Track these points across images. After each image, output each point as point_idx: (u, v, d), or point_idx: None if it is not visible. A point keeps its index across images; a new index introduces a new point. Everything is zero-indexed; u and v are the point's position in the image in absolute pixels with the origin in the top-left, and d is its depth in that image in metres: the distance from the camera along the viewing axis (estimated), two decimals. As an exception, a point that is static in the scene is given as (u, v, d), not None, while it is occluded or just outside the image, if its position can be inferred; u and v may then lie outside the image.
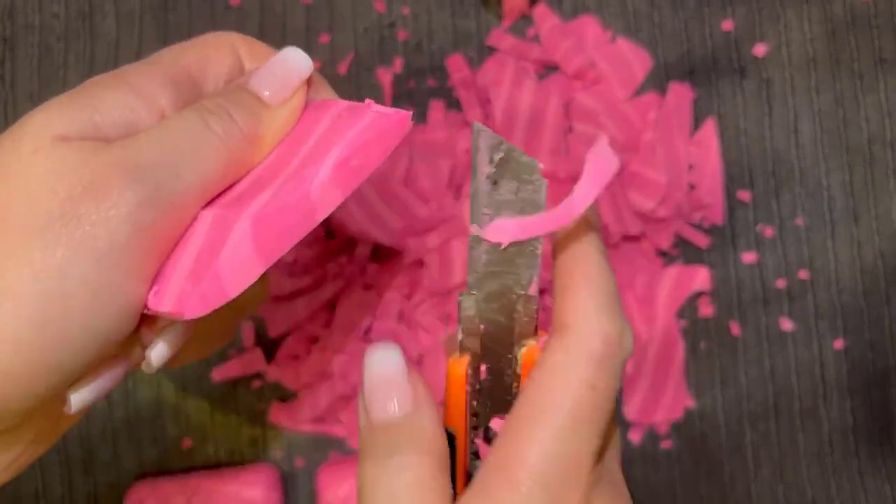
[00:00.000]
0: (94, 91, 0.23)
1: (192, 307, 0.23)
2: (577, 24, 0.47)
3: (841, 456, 0.46)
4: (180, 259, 0.23)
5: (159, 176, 0.22)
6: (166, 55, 0.25)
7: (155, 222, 0.22)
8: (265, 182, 0.25)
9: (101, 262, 0.21)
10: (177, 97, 0.24)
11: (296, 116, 0.26)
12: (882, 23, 0.47)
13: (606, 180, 0.22)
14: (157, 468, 0.45)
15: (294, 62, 0.26)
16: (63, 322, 0.21)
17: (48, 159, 0.21)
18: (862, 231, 0.46)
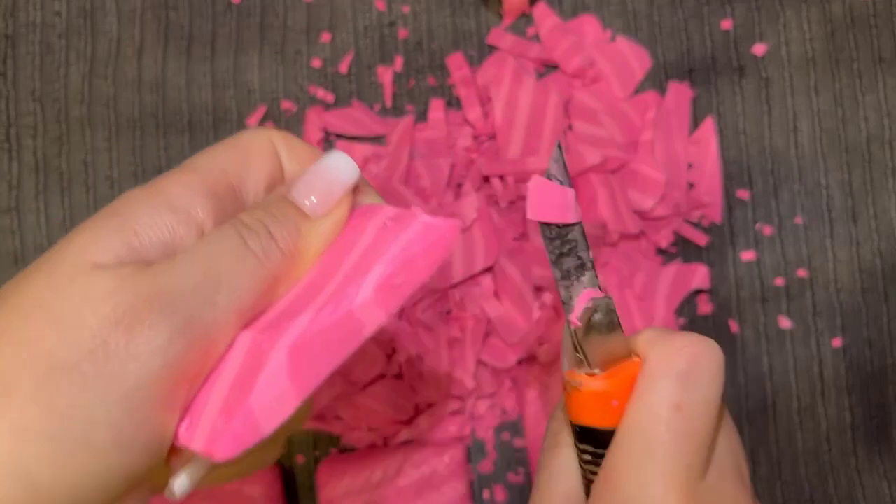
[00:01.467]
0: (130, 210, 0.22)
1: (224, 448, 0.21)
2: (576, 24, 0.47)
3: (839, 454, 0.46)
4: (214, 388, 0.22)
5: (194, 304, 0.21)
6: (204, 161, 0.24)
7: (187, 353, 0.21)
8: (305, 300, 0.23)
9: (128, 399, 0.20)
10: (216, 209, 0.23)
11: (340, 227, 0.24)
12: (881, 22, 0.47)
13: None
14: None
15: (339, 169, 0.24)
16: (86, 463, 0.19)
17: (82, 290, 0.20)
18: (860, 230, 0.47)
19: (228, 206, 0.23)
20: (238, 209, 0.24)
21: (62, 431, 0.19)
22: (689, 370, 0.23)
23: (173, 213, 0.22)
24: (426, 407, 0.44)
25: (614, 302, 0.26)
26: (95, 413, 0.19)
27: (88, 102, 0.46)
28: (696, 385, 0.23)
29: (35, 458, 0.19)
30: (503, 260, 0.44)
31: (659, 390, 0.23)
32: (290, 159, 0.25)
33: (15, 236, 0.46)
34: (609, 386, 0.24)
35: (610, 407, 0.24)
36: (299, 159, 0.25)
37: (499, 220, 0.44)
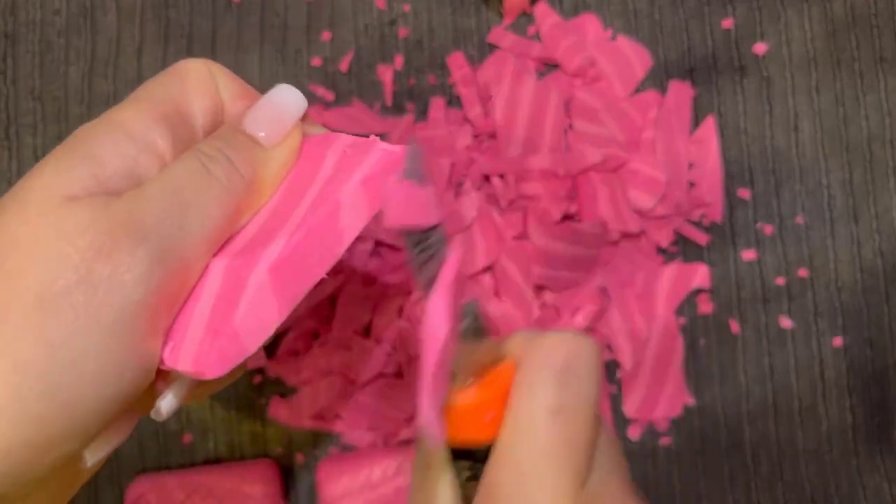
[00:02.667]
0: (91, 142, 0.22)
1: (212, 367, 0.22)
2: (577, 22, 0.47)
3: (840, 454, 0.46)
4: (195, 312, 0.22)
5: (167, 231, 0.21)
6: (150, 90, 0.24)
7: (166, 279, 0.21)
8: (274, 226, 0.24)
9: (115, 326, 0.20)
10: (172, 135, 0.23)
11: (294, 155, 0.25)
12: (882, 22, 0.47)
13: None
14: (157, 463, 0.45)
15: (288, 100, 0.25)
16: (77, 391, 0.20)
17: (57, 222, 0.20)
18: (861, 229, 0.46)
19: (182, 133, 0.24)
20: (190, 135, 0.24)
21: (55, 362, 0.20)
22: (566, 370, 0.22)
23: (134, 143, 0.22)
24: (426, 406, 0.44)
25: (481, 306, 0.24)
26: (87, 341, 0.20)
27: (88, 101, 0.46)
28: (574, 385, 0.22)
29: (31, 390, 0.19)
30: (503, 259, 0.44)
31: (535, 395, 0.22)
32: (225, 88, 0.26)
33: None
34: (481, 398, 0.23)
35: (483, 420, 0.22)
36: (233, 88, 0.26)
37: (499, 220, 0.44)
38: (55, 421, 0.20)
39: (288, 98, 0.25)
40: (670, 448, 0.46)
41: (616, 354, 0.45)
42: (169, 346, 0.22)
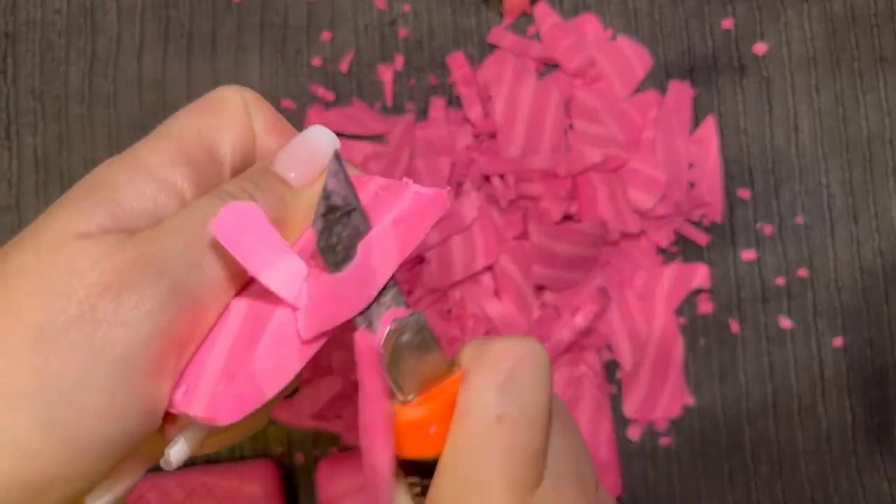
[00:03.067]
0: (111, 181, 0.22)
1: (226, 412, 0.21)
2: (577, 23, 0.47)
3: (839, 453, 0.46)
4: (211, 354, 0.22)
5: (182, 269, 0.21)
6: (178, 126, 0.23)
7: (177, 318, 0.20)
8: None
9: (118, 365, 0.20)
10: (196, 175, 0.23)
11: None
12: (882, 22, 0.47)
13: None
14: (157, 464, 0.45)
15: (320, 140, 0.25)
16: (76, 427, 0.19)
17: (67, 258, 0.20)
18: (861, 229, 0.46)
19: (206, 171, 0.23)
20: (215, 171, 0.24)
21: (52, 397, 0.19)
22: (509, 377, 0.22)
23: (154, 182, 0.22)
24: (426, 406, 0.44)
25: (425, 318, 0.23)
26: (86, 379, 0.19)
27: (89, 101, 0.46)
28: (518, 392, 0.22)
29: (25, 424, 0.19)
30: (504, 259, 0.44)
31: (478, 405, 0.22)
32: (258, 120, 0.25)
33: (15, 234, 0.46)
34: (424, 412, 0.22)
35: (428, 435, 0.22)
36: (266, 120, 0.25)
37: (499, 220, 0.44)
38: (53, 458, 0.19)
39: (321, 138, 0.25)
40: (670, 448, 0.46)
41: (616, 354, 0.45)
42: (182, 389, 0.21)
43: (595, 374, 0.44)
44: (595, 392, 0.44)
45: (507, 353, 0.22)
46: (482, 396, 0.22)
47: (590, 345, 0.45)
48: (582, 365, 0.44)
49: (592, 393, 0.44)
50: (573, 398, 0.44)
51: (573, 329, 0.43)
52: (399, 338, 0.23)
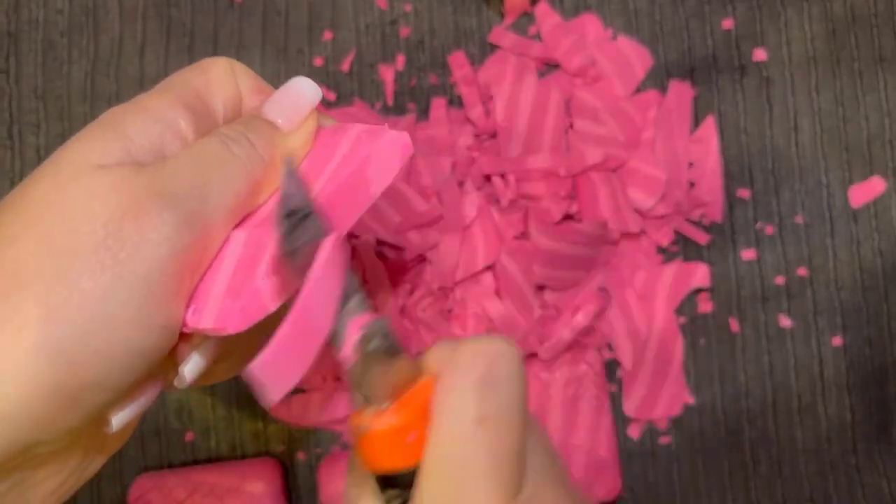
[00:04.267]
0: (121, 120, 0.24)
1: (234, 322, 0.23)
2: (578, 23, 0.47)
3: (839, 452, 0.46)
4: (216, 278, 0.23)
5: (191, 200, 0.23)
6: (175, 82, 0.26)
7: (190, 243, 0.22)
8: None
9: (143, 283, 0.21)
10: (194, 120, 0.25)
11: (310, 140, 0.27)
12: (882, 22, 0.47)
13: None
14: (159, 462, 0.45)
15: (303, 90, 0.27)
16: (109, 342, 0.21)
17: (89, 185, 0.22)
18: (861, 229, 0.47)
19: (203, 119, 0.26)
20: (211, 122, 0.26)
21: (87, 310, 0.21)
22: (486, 377, 0.22)
23: (160, 124, 0.24)
24: (427, 405, 0.44)
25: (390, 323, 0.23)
26: (116, 294, 0.21)
27: (91, 100, 0.47)
28: (496, 391, 0.22)
29: (64, 336, 0.21)
30: (504, 259, 0.44)
31: (456, 408, 0.21)
32: (244, 83, 0.28)
33: (17, 233, 0.46)
34: (401, 419, 0.22)
35: (406, 443, 0.21)
36: (252, 84, 0.28)
37: (499, 219, 0.44)
38: (87, 367, 0.21)
39: (304, 87, 0.27)
40: (670, 447, 0.46)
41: (616, 354, 0.45)
42: (191, 308, 0.23)
43: (595, 373, 0.44)
44: (595, 391, 0.44)
45: (481, 353, 0.22)
46: (461, 399, 0.22)
47: (590, 344, 0.45)
48: (582, 364, 0.44)
49: (592, 392, 0.44)
50: (573, 397, 0.44)
51: (574, 328, 0.43)
52: (367, 344, 0.22)
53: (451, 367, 0.22)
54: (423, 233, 0.44)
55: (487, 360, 0.22)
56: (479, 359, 0.22)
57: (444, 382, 0.22)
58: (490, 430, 0.21)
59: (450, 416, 0.22)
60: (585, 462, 0.43)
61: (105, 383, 0.22)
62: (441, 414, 0.22)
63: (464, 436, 0.21)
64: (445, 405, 0.22)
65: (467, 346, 0.23)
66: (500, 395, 0.22)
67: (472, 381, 0.22)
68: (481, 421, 0.21)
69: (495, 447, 0.21)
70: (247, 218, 0.25)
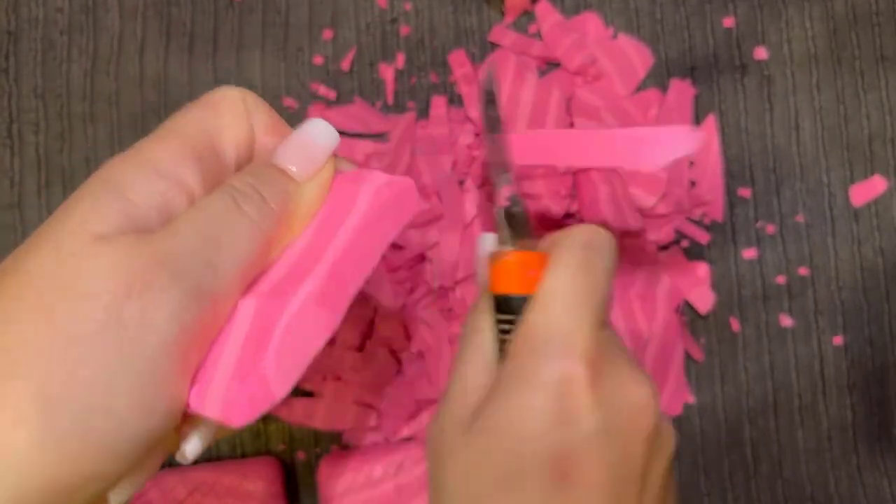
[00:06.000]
0: (121, 178, 0.22)
1: (240, 414, 0.22)
2: (578, 21, 0.47)
3: (840, 452, 0.46)
4: (222, 354, 0.22)
5: (199, 269, 0.21)
6: (183, 123, 0.24)
7: (197, 319, 0.21)
8: (307, 264, 0.24)
9: (147, 367, 0.20)
10: (202, 171, 0.23)
11: (326, 190, 0.26)
12: (883, 20, 0.47)
13: None
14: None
15: (320, 135, 0.26)
16: (108, 431, 0.20)
17: (89, 262, 0.21)
18: (862, 228, 0.47)
19: (212, 167, 0.24)
20: (220, 169, 0.24)
21: (86, 401, 0.20)
22: (590, 242, 0.27)
23: (164, 180, 0.23)
24: (427, 404, 0.44)
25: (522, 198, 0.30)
26: (117, 381, 0.20)
27: (91, 99, 0.47)
28: (598, 252, 0.27)
29: (62, 428, 0.20)
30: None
31: (569, 255, 0.27)
32: (257, 120, 0.26)
33: (17, 232, 0.46)
34: (529, 256, 0.28)
35: (528, 275, 0.27)
36: (265, 121, 0.26)
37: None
38: (86, 460, 0.20)
39: (320, 132, 0.26)
40: (671, 446, 0.46)
41: (617, 352, 0.45)
42: (196, 387, 0.22)
43: (596, 372, 0.44)
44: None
45: (587, 229, 0.28)
46: (573, 250, 0.27)
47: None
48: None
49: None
50: (574, 396, 0.44)
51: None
52: (512, 206, 0.30)
53: (563, 236, 0.28)
54: (423, 231, 0.44)
55: (591, 233, 0.28)
56: (585, 231, 0.28)
57: (559, 241, 0.27)
58: (590, 274, 0.26)
59: (564, 258, 0.27)
60: (586, 461, 0.43)
61: (105, 474, 0.21)
62: (557, 258, 0.27)
63: (570, 273, 0.26)
64: (561, 254, 0.27)
65: (575, 227, 0.28)
66: (598, 254, 0.27)
67: (580, 242, 0.27)
68: (585, 267, 0.26)
69: (592, 287, 0.26)
70: (257, 280, 0.24)
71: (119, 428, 0.20)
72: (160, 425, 0.21)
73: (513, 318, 0.27)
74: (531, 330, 0.26)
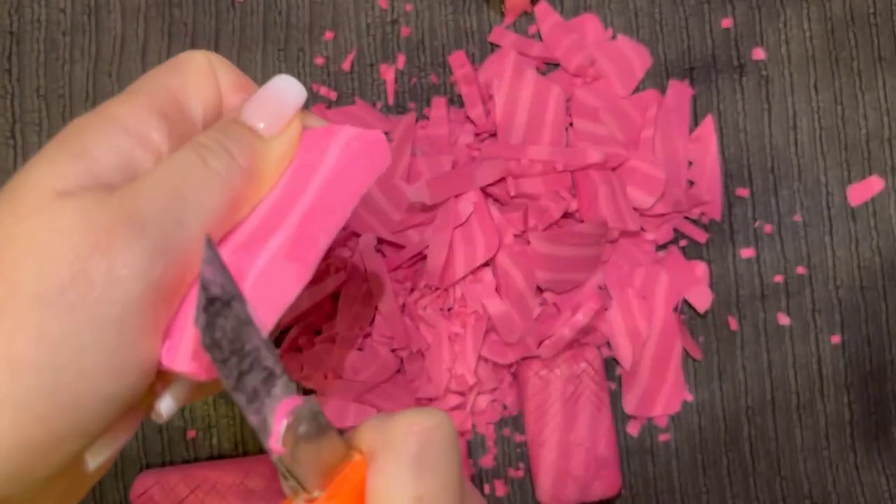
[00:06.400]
0: (84, 136, 0.22)
1: (209, 368, 0.21)
2: (577, 22, 0.47)
3: (837, 450, 0.46)
4: (192, 310, 0.21)
5: (165, 226, 0.21)
6: (148, 83, 0.24)
7: (165, 275, 0.21)
8: (275, 220, 0.24)
9: (116, 325, 0.20)
10: (168, 128, 0.23)
11: (294, 146, 0.25)
12: (881, 21, 0.47)
13: None
14: (161, 459, 0.45)
15: (287, 91, 0.25)
16: (78, 389, 0.20)
17: (51, 218, 0.20)
18: (859, 228, 0.47)
19: (179, 126, 0.23)
20: (187, 128, 0.24)
21: (54, 360, 0.19)
22: (421, 453, 0.21)
23: (129, 137, 0.22)
24: (427, 402, 0.45)
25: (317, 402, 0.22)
26: (85, 340, 0.19)
27: (93, 100, 0.47)
28: (433, 467, 0.21)
29: (29, 388, 0.19)
30: (505, 260, 0.44)
31: (394, 490, 0.21)
32: (224, 80, 0.26)
33: (19, 232, 0.46)
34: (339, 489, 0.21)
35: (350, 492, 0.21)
36: (232, 80, 0.26)
37: (500, 219, 0.45)
38: (57, 420, 0.19)
39: (287, 88, 0.25)
40: (669, 444, 0.46)
41: (615, 352, 0.45)
42: (167, 344, 0.22)
43: (595, 370, 0.44)
44: (595, 388, 0.44)
45: (414, 429, 0.21)
46: (397, 480, 0.21)
47: (590, 342, 0.45)
48: (582, 362, 0.44)
49: (592, 389, 0.44)
50: (573, 395, 0.44)
51: (573, 327, 0.43)
52: (297, 430, 0.21)
53: (383, 447, 0.21)
54: (423, 231, 0.44)
55: (420, 437, 0.21)
56: (411, 436, 0.21)
57: (377, 464, 0.21)
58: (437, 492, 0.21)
59: (387, 498, 0.21)
60: (585, 459, 0.43)
61: (78, 433, 0.20)
62: (377, 497, 0.21)
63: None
64: (382, 487, 0.21)
65: (399, 420, 0.22)
66: (437, 472, 0.21)
67: (406, 462, 0.21)
68: (419, 501, 0.20)
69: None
70: (227, 235, 0.23)
71: (89, 387, 0.20)
72: (132, 383, 0.21)
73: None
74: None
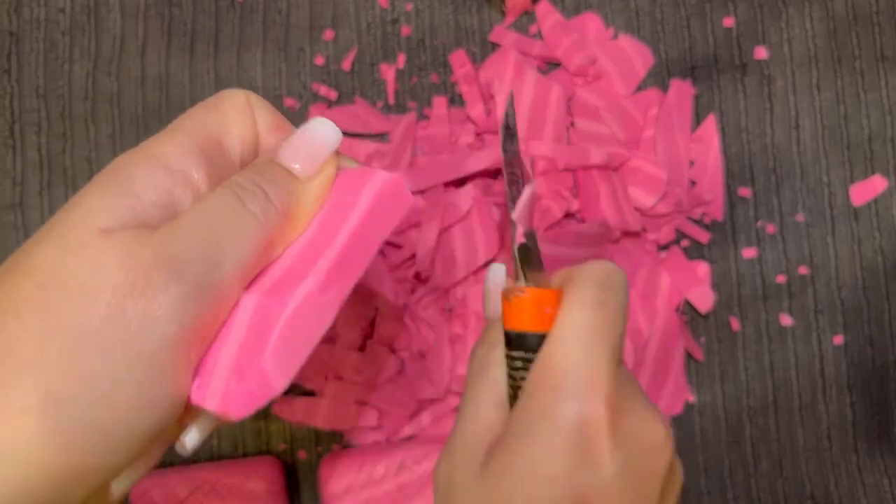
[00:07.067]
0: (128, 174, 0.23)
1: (238, 408, 0.22)
2: (579, 21, 0.47)
3: (840, 451, 0.46)
4: (223, 349, 0.23)
5: (202, 267, 0.22)
6: (190, 121, 0.25)
7: (199, 316, 0.22)
8: (307, 262, 0.24)
9: (150, 362, 0.21)
10: (208, 167, 0.24)
11: (328, 188, 0.26)
12: (883, 20, 0.47)
13: None
14: (161, 460, 0.45)
15: (323, 133, 0.26)
16: (111, 423, 0.21)
17: (93, 256, 0.21)
18: (862, 227, 0.47)
19: (218, 164, 0.24)
20: (226, 166, 0.25)
21: (89, 394, 0.20)
22: (606, 279, 0.27)
23: (170, 175, 0.23)
24: (428, 403, 0.44)
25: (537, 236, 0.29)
26: (119, 377, 0.20)
27: (92, 99, 0.47)
28: (613, 289, 0.26)
29: (67, 421, 0.20)
30: (505, 261, 0.44)
31: (585, 293, 0.26)
32: (261, 120, 0.26)
33: (19, 232, 0.46)
34: (545, 294, 0.27)
35: (543, 313, 0.27)
36: (269, 120, 0.27)
37: (501, 219, 0.44)
38: (90, 452, 0.20)
39: (323, 131, 0.26)
40: (671, 445, 0.46)
41: (617, 352, 0.45)
42: (196, 381, 0.22)
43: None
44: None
45: (601, 265, 0.27)
46: (588, 286, 0.26)
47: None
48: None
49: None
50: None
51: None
52: (528, 240, 0.29)
53: (578, 273, 0.27)
54: (421, 230, 0.44)
55: (606, 269, 0.27)
56: (600, 267, 0.27)
57: (575, 278, 0.27)
58: (606, 312, 0.26)
59: (579, 295, 0.26)
60: (586, 460, 0.43)
61: (109, 464, 0.21)
62: (573, 295, 0.26)
63: (586, 310, 0.26)
64: (576, 291, 0.26)
65: (588, 263, 0.27)
66: (613, 291, 0.26)
67: (594, 279, 0.26)
68: (602, 304, 0.26)
69: (609, 324, 0.26)
70: (259, 276, 0.24)
71: (122, 421, 0.21)
72: (162, 418, 0.22)
73: (525, 356, 0.27)
74: (549, 368, 0.25)
